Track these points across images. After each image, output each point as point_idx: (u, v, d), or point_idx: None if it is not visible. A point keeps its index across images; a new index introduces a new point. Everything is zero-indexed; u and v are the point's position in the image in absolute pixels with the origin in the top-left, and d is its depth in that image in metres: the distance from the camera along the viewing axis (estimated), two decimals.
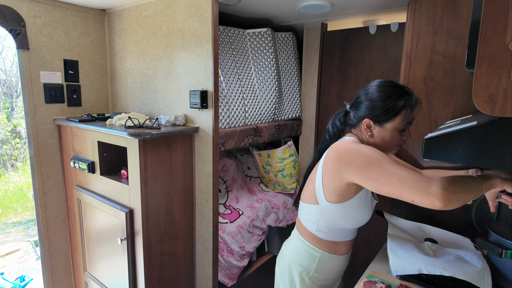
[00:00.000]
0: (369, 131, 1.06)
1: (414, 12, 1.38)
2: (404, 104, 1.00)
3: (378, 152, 0.94)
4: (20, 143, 5.16)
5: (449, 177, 0.84)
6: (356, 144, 1.00)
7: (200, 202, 1.70)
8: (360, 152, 0.95)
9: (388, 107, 1.00)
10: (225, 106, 1.86)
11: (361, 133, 1.09)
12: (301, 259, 1.19)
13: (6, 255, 3.51)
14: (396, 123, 1.02)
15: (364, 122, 1.06)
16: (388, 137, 1.04)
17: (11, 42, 3.48)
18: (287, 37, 2.31)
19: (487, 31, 0.63)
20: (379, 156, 0.92)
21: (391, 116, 1.01)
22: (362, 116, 1.06)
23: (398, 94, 1.01)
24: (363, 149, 0.96)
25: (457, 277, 0.98)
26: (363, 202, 1.07)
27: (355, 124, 1.10)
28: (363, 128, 1.06)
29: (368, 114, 1.04)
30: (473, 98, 0.65)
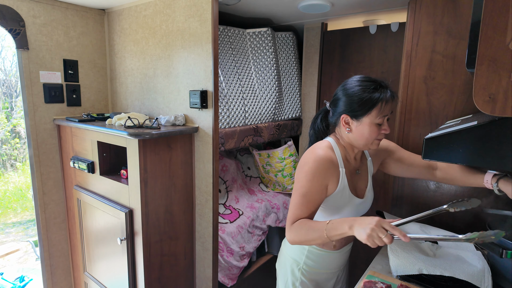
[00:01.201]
0: (347, 126, 1.08)
1: (415, 11, 1.38)
2: (379, 97, 1.01)
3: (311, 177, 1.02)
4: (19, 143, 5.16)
5: (303, 229, 0.97)
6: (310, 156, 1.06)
7: (200, 202, 1.70)
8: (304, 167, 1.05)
9: (363, 101, 1.01)
10: (225, 106, 1.86)
11: (341, 130, 1.11)
12: (292, 251, 1.23)
13: (5, 255, 3.51)
14: (372, 117, 1.02)
15: (342, 118, 1.08)
16: (366, 132, 1.05)
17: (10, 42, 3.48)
18: (287, 37, 2.31)
19: (487, 31, 0.63)
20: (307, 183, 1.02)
21: (367, 110, 1.02)
22: (340, 113, 1.08)
23: (372, 87, 1.02)
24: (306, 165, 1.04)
25: (457, 277, 0.98)
26: (339, 201, 1.09)
27: (335, 122, 1.12)
28: (342, 124, 1.08)
29: (345, 109, 1.06)
30: (474, 98, 0.65)
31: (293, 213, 1.01)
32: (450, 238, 0.79)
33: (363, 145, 1.08)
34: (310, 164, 1.03)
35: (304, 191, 1.01)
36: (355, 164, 1.15)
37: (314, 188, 1.01)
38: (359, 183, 1.17)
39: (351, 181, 1.11)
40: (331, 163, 1.05)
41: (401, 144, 1.48)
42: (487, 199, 1.30)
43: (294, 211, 1.01)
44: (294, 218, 1.01)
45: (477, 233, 0.77)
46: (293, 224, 1.00)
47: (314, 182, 1.01)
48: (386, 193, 2.06)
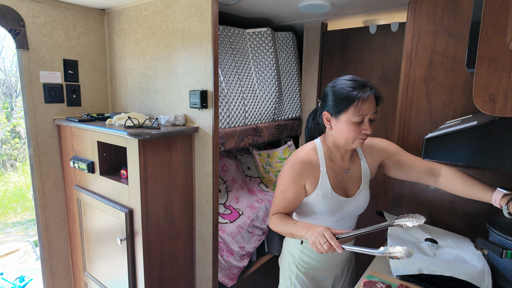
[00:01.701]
0: (328, 124, 1.11)
1: (415, 11, 1.38)
2: (356, 95, 1.01)
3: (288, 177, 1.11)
4: (19, 143, 5.16)
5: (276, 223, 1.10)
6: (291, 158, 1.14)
7: (200, 202, 1.70)
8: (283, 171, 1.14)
9: (340, 98, 1.04)
10: (225, 106, 1.86)
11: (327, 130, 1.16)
12: (289, 246, 1.28)
13: (5, 255, 3.51)
14: (349, 115, 1.03)
15: (323, 115, 1.11)
16: (344, 130, 1.06)
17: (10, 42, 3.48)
18: (287, 37, 2.31)
19: (487, 31, 0.62)
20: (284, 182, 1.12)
21: (344, 107, 1.04)
22: (321, 110, 1.13)
23: (351, 86, 1.04)
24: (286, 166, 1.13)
25: (457, 277, 0.98)
26: (322, 199, 1.13)
27: (322, 121, 1.14)
28: (324, 121, 1.12)
29: (326, 107, 1.10)
30: (474, 98, 0.65)
31: (273, 206, 1.15)
32: (365, 251, 0.88)
33: (344, 143, 1.09)
34: (289, 165, 1.12)
35: (281, 189, 1.12)
36: (342, 163, 1.17)
37: (290, 187, 1.11)
38: (349, 183, 1.18)
39: (336, 181, 1.14)
40: (308, 164, 1.11)
41: (401, 144, 1.48)
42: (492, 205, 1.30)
43: (274, 204, 1.15)
44: (274, 211, 1.14)
45: (389, 247, 0.85)
46: (273, 215, 1.13)
47: (290, 181, 1.10)
48: (386, 193, 2.06)
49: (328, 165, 1.14)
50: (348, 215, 1.19)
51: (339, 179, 1.15)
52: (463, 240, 1.24)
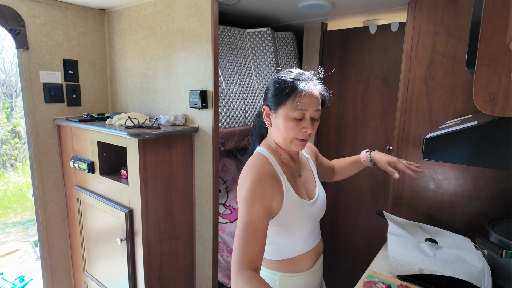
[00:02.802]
0: (268, 120, 0.98)
1: (415, 11, 1.38)
2: (295, 85, 0.91)
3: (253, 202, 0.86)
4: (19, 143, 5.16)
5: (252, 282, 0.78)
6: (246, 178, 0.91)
7: (200, 202, 1.70)
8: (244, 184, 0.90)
9: (279, 89, 0.93)
10: (225, 106, 1.86)
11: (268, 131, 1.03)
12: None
13: (5, 255, 3.51)
14: (287, 108, 0.91)
15: (263, 109, 0.98)
16: (282, 126, 0.93)
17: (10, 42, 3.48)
18: (287, 37, 2.31)
19: (487, 30, 0.62)
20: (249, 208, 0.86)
21: (282, 99, 0.92)
22: (262, 104, 1.00)
23: (293, 77, 0.93)
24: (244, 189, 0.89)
25: (457, 277, 0.98)
26: (292, 211, 0.95)
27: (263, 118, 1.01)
28: (264, 117, 0.99)
29: (265, 100, 0.98)
30: (474, 98, 0.65)
31: (241, 250, 0.82)
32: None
33: (282, 142, 0.97)
34: (248, 187, 0.88)
35: (247, 219, 0.85)
36: (294, 165, 1.04)
37: (258, 212, 0.86)
38: (306, 183, 1.06)
39: (296, 185, 0.99)
40: (272, 177, 0.92)
41: (401, 144, 1.48)
42: (492, 205, 1.30)
43: (241, 247, 0.82)
44: (243, 257, 0.81)
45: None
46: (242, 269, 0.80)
47: (257, 206, 0.86)
48: (386, 193, 2.06)
49: (285, 171, 0.98)
50: (316, 220, 1.04)
51: (298, 183, 1.01)
52: (463, 240, 1.24)
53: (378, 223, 2.11)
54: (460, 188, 1.35)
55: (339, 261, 2.37)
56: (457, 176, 1.35)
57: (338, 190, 2.27)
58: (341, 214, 2.30)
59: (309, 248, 1.02)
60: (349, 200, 2.24)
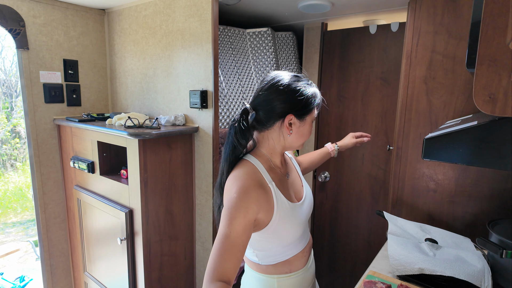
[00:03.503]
0: (290, 128, 0.93)
1: (415, 11, 1.38)
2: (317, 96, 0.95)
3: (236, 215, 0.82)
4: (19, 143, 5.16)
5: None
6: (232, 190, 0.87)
7: (200, 202, 1.70)
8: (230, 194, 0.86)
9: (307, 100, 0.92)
10: (225, 106, 1.86)
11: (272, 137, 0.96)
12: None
13: (5, 255, 3.51)
14: (313, 114, 0.95)
15: (287, 119, 0.91)
16: (307, 131, 0.96)
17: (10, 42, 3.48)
18: (287, 37, 2.31)
19: (487, 30, 0.63)
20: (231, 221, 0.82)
21: (311, 109, 0.93)
22: (280, 114, 0.92)
23: (307, 83, 0.94)
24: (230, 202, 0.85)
25: (457, 277, 0.98)
26: (284, 217, 0.93)
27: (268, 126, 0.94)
28: (285, 125, 0.92)
29: (290, 109, 0.91)
30: (474, 98, 0.65)
31: (216, 261, 0.78)
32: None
33: (300, 144, 0.98)
34: (232, 199, 0.84)
35: (227, 232, 0.81)
36: (282, 169, 1.02)
37: (239, 227, 0.82)
38: (294, 184, 1.05)
39: (284, 190, 0.97)
40: (259, 188, 0.87)
41: (401, 144, 1.48)
42: (492, 205, 1.30)
43: (216, 258, 0.79)
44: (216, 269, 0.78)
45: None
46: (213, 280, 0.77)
47: (239, 220, 0.82)
48: (386, 193, 2.06)
49: (273, 177, 0.94)
50: (306, 220, 1.02)
51: (286, 187, 1.00)
52: (463, 240, 1.24)
53: (378, 223, 2.11)
54: (460, 188, 1.35)
55: (339, 261, 2.37)
56: (457, 176, 1.35)
57: (338, 190, 2.27)
58: (341, 214, 2.30)
59: (302, 247, 1.03)
60: (349, 200, 2.24)
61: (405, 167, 1.47)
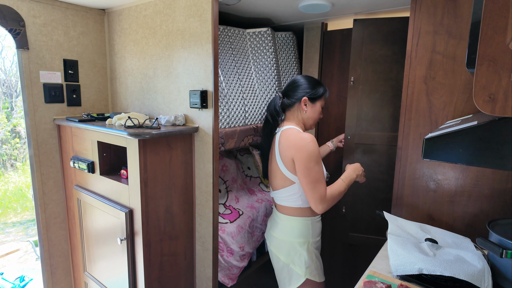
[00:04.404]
0: (305, 108, 1.54)
1: (415, 11, 1.38)
2: (326, 90, 1.61)
3: (316, 152, 1.40)
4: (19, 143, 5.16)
5: (334, 195, 1.44)
6: (305, 136, 1.41)
7: (200, 202, 1.70)
8: (306, 146, 1.39)
9: (319, 88, 1.56)
10: (225, 106, 1.86)
11: (296, 114, 1.57)
12: (301, 234, 1.53)
13: (5, 255, 3.51)
14: (321, 101, 1.59)
15: (302, 100, 1.53)
16: (316, 112, 1.58)
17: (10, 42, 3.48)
18: (287, 37, 2.31)
19: (487, 30, 0.63)
20: (312, 156, 1.38)
21: (320, 95, 1.56)
22: (299, 97, 1.54)
23: (319, 82, 1.60)
24: (307, 144, 1.39)
25: (457, 277, 0.98)
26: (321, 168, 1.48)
27: (291, 105, 1.56)
28: (302, 105, 1.54)
29: (306, 94, 1.54)
30: (474, 98, 0.65)
31: (319, 188, 1.39)
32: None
33: (312, 124, 1.59)
34: (312, 149, 1.38)
35: (317, 168, 1.38)
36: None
37: (320, 163, 1.41)
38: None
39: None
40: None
41: (401, 144, 1.48)
42: (492, 205, 1.30)
43: (318, 187, 1.39)
44: (323, 194, 1.39)
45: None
46: (325, 197, 1.39)
47: (319, 158, 1.40)
48: (386, 193, 2.06)
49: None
50: None
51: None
52: (463, 240, 1.24)
53: (378, 223, 2.11)
54: (460, 188, 1.35)
55: (339, 261, 2.37)
56: (457, 176, 1.35)
57: None
58: (341, 214, 2.30)
59: None
60: (349, 200, 2.24)
61: (405, 167, 1.47)
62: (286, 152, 1.45)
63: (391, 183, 1.88)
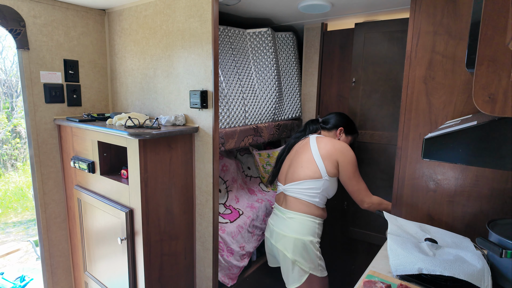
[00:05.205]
0: (339, 136, 1.84)
1: (414, 11, 1.38)
2: (358, 133, 1.95)
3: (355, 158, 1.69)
4: (20, 143, 5.17)
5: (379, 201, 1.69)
6: (346, 144, 1.73)
7: (200, 202, 1.70)
8: (351, 152, 1.69)
9: (354, 127, 1.89)
10: (225, 106, 1.86)
11: (331, 135, 1.85)
12: (309, 232, 1.66)
13: (6, 255, 3.51)
14: (352, 138, 1.88)
15: (339, 128, 1.83)
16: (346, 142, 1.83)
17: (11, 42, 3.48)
18: (287, 37, 2.31)
19: (487, 31, 0.63)
20: (356, 160, 1.69)
21: (353, 132, 1.87)
22: (337, 125, 1.84)
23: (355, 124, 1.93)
24: (351, 151, 1.70)
25: (457, 277, 0.98)
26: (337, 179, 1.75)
27: (330, 129, 1.85)
28: (337, 132, 1.84)
29: (343, 124, 1.84)
30: (473, 98, 0.65)
31: (363, 187, 1.68)
32: None
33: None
34: (353, 155, 1.69)
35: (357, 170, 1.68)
36: None
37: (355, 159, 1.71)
38: None
39: None
40: None
41: (401, 144, 1.48)
42: (492, 205, 1.30)
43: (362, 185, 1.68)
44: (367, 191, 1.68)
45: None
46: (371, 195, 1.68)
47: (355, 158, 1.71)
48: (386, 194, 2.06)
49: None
50: None
51: None
52: (462, 240, 1.24)
53: (378, 222, 2.12)
54: (460, 188, 1.35)
55: (339, 261, 2.37)
56: (457, 176, 1.35)
57: (338, 190, 2.27)
58: (341, 214, 2.30)
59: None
60: (349, 200, 2.24)
61: (405, 167, 1.47)
62: (330, 152, 1.67)
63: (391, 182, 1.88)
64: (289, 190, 1.73)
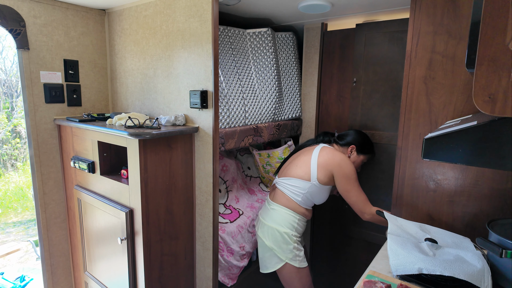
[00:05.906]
0: (350, 153, 1.84)
1: (414, 12, 1.38)
2: (374, 154, 1.98)
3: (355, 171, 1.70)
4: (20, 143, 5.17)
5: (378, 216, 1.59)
6: (347, 158, 1.73)
7: (200, 202, 1.71)
8: (349, 166, 1.70)
9: (368, 147, 1.88)
10: (225, 106, 1.86)
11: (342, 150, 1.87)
12: (286, 225, 1.75)
13: (6, 255, 3.51)
14: (365, 157, 1.89)
15: (351, 146, 1.84)
16: (357, 162, 1.86)
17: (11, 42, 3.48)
18: (287, 37, 2.31)
19: (487, 31, 0.63)
20: (354, 174, 1.69)
21: (367, 152, 1.87)
22: (350, 142, 1.85)
23: (373, 146, 1.93)
24: (350, 165, 1.70)
25: (457, 277, 0.98)
26: (328, 189, 1.79)
27: (342, 145, 1.87)
28: (348, 149, 1.84)
29: (356, 143, 1.84)
30: (473, 98, 0.65)
31: (363, 198, 1.67)
32: None
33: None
34: (352, 167, 1.70)
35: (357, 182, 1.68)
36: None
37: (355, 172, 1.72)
38: None
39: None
40: None
41: (401, 144, 1.48)
42: (492, 205, 1.30)
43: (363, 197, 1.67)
44: (366, 201, 1.67)
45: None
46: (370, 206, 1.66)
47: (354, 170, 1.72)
48: (386, 194, 2.06)
49: None
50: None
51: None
52: (462, 240, 1.24)
53: None
54: (460, 188, 1.35)
55: (339, 261, 2.37)
56: (457, 176, 1.35)
57: None
58: (341, 214, 2.30)
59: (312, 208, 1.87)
60: None
61: (405, 167, 1.47)
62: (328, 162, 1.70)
63: (391, 182, 1.88)
64: (279, 183, 1.84)
